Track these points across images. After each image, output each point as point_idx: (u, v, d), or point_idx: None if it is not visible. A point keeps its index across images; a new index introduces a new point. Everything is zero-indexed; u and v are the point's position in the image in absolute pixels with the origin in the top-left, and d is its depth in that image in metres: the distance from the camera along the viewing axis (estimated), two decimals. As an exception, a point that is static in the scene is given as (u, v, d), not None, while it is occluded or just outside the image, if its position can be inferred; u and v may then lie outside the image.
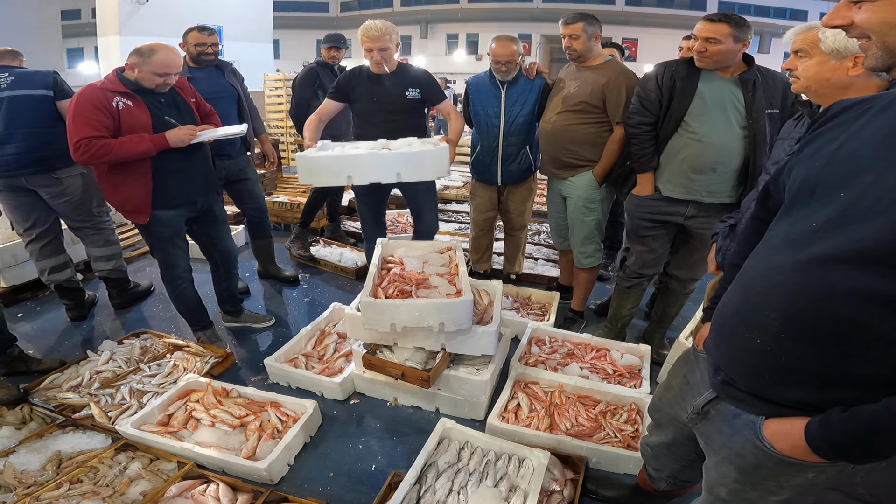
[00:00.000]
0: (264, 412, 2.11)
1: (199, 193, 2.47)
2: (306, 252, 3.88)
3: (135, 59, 2.17)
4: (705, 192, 2.23)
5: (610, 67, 2.56)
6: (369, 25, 2.59)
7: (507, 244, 3.46)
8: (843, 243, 0.78)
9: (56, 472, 1.83)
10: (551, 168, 2.80)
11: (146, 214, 2.31)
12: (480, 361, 2.29)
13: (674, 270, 2.61)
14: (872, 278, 0.76)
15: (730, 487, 1.08)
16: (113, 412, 2.15)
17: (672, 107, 2.18)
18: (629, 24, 23.04)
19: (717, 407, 1.08)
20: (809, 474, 0.94)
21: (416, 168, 2.44)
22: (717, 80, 2.13)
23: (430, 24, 25.79)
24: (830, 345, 0.83)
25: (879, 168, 0.77)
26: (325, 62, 3.71)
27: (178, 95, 2.38)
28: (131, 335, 2.73)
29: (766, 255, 0.93)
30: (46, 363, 2.49)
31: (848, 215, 0.79)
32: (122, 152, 2.13)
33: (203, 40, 2.94)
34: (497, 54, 2.71)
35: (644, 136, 2.28)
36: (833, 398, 0.85)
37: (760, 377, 0.94)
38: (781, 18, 23.20)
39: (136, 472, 1.82)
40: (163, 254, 2.48)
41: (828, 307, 0.81)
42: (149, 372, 2.41)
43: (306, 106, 3.53)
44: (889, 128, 0.78)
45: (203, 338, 2.73)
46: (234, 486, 1.80)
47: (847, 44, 1.31)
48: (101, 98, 2.12)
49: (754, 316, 0.92)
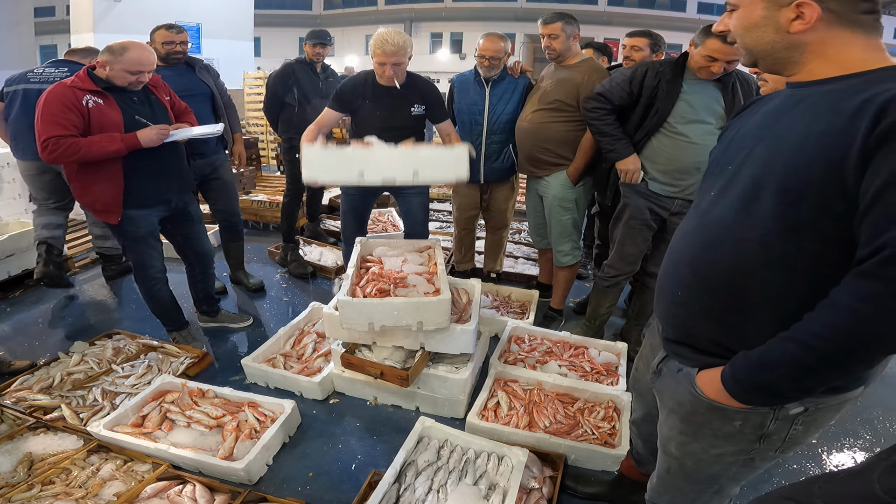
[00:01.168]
0: (241, 412, 2.09)
1: (173, 192, 2.43)
2: (306, 270, 3.66)
3: (106, 57, 2.12)
4: (689, 190, 2.28)
5: (586, 67, 2.59)
6: (385, 39, 2.36)
7: (488, 242, 3.47)
8: (727, 203, 0.98)
9: (28, 473, 1.79)
10: (527, 166, 2.83)
11: (117, 214, 2.27)
12: (460, 360, 2.30)
13: (652, 268, 2.64)
14: (747, 229, 0.93)
15: (677, 440, 1.17)
16: (85, 413, 2.11)
17: (656, 106, 2.22)
18: (611, 25, 23.29)
19: (667, 364, 1.19)
20: (736, 422, 1.03)
21: (434, 168, 2.26)
22: (700, 83, 2.18)
23: (414, 22, 25.72)
24: (726, 290, 0.98)
25: (753, 144, 0.98)
26: (306, 60, 3.55)
27: (153, 94, 2.34)
28: (103, 336, 2.68)
29: (685, 223, 1.13)
30: (17, 364, 2.43)
31: (731, 181, 0.99)
32: (92, 152, 2.08)
33: (171, 38, 2.83)
34: (484, 49, 2.71)
35: (600, 120, 2.32)
36: (740, 342, 0.97)
37: (684, 325, 1.10)
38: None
39: (109, 474, 1.79)
40: (135, 254, 2.43)
41: (720, 258, 0.98)
42: (122, 373, 2.37)
43: (279, 103, 3.51)
44: (765, 115, 1.01)
45: (178, 338, 2.69)
46: (211, 486, 1.78)
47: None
48: (71, 96, 2.07)
49: (674, 272, 1.11)
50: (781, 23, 0.90)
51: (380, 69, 2.44)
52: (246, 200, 4.61)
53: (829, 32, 0.88)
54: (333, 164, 2.23)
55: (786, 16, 0.89)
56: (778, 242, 0.89)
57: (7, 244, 3.21)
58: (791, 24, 0.89)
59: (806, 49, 0.91)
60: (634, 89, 2.26)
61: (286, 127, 3.56)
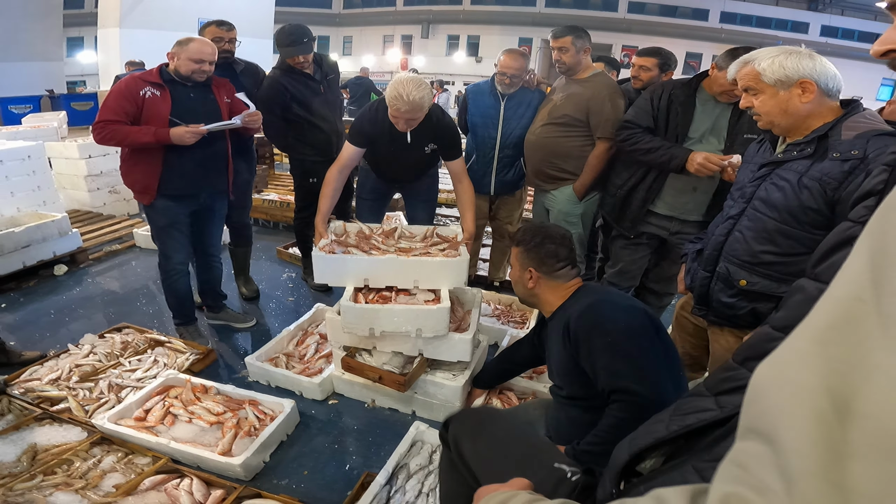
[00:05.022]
0: (242, 410, 2.14)
1: (204, 190, 2.55)
2: (325, 284, 3.55)
3: (175, 49, 2.36)
4: (683, 209, 2.29)
5: (596, 81, 2.60)
6: (405, 98, 2.24)
7: (493, 250, 3.49)
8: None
9: (31, 463, 1.84)
10: (535, 179, 2.85)
11: (151, 196, 2.44)
12: (457, 367, 2.33)
13: (651, 284, 2.66)
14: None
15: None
16: (90, 406, 2.17)
17: (669, 128, 2.21)
18: (630, 32, 23.15)
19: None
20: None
21: (436, 277, 2.27)
22: (712, 103, 2.16)
23: (431, 24, 25.82)
24: None
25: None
26: (292, 67, 2.96)
27: (212, 92, 2.49)
28: (113, 329, 2.75)
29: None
30: (28, 355, 2.51)
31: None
32: (129, 139, 2.30)
33: (221, 35, 2.82)
34: (505, 66, 2.71)
35: (639, 142, 2.24)
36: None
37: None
38: (783, 30, 23.36)
39: (110, 466, 1.84)
40: (160, 242, 2.61)
41: None
42: (129, 367, 2.44)
43: (277, 127, 3.02)
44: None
45: (185, 334, 2.76)
46: (208, 480, 1.82)
47: (786, 71, 1.33)
48: (132, 87, 2.31)
49: None
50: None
51: (394, 120, 2.39)
52: (258, 199, 4.69)
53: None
54: (340, 270, 2.29)
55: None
56: None
57: (23, 236, 3.31)
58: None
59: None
60: (654, 111, 2.25)
61: (294, 143, 3.13)
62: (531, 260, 1.66)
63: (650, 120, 2.26)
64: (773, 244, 1.43)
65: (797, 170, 1.37)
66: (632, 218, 2.42)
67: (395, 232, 2.55)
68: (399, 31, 26.56)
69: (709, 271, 1.60)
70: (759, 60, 1.37)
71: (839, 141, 1.31)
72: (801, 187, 1.35)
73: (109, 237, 4.16)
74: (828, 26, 23.69)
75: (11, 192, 3.70)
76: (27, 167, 3.83)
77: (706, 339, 1.78)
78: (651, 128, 2.26)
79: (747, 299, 1.52)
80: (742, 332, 1.58)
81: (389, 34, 26.95)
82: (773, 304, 1.47)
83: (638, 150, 2.26)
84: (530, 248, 1.66)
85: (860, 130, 1.30)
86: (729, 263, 1.53)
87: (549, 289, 1.66)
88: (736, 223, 1.53)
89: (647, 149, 2.23)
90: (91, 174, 4.66)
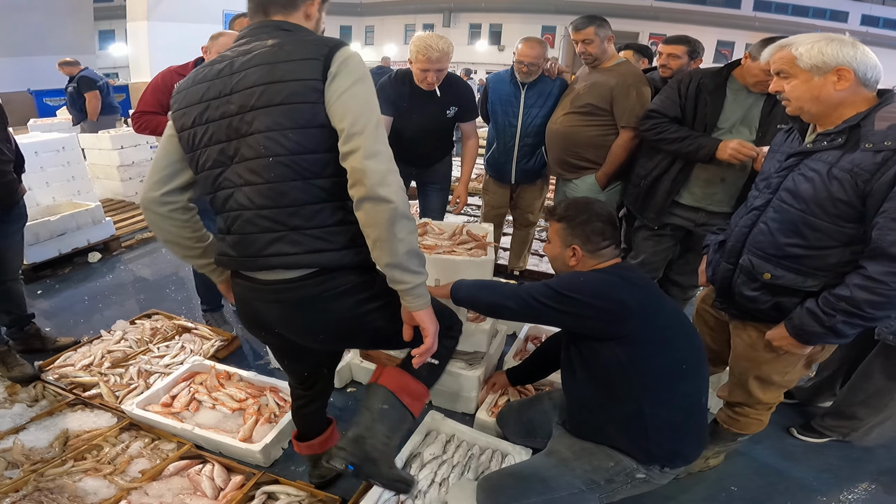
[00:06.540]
0: (263, 396, 2.19)
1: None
2: None
3: (209, 43, 2.45)
4: (711, 200, 2.24)
5: (620, 70, 2.54)
6: (429, 45, 2.37)
7: (514, 239, 3.48)
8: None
9: (62, 449, 1.91)
10: (557, 168, 2.81)
11: None
12: (474, 357, 2.33)
13: (676, 276, 2.61)
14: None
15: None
16: (121, 392, 2.25)
17: (697, 118, 2.15)
18: (658, 20, 22.48)
19: None
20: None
21: (456, 277, 2.15)
22: (744, 93, 2.09)
23: (453, 13, 25.60)
24: None
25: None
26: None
27: None
28: (143, 316, 2.84)
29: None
30: (62, 341, 2.60)
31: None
32: (162, 128, 2.32)
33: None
34: (523, 54, 2.67)
35: (665, 131, 2.20)
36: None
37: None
38: (821, 19, 22.40)
39: (137, 451, 1.90)
40: None
41: None
42: (157, 353, 2.51)
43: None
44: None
45: (211, 320, 2.83)
46: (228, 466, 1.88)
47: (824, 57, 1.28)
48: (168, 79, 2.43)
49: None
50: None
51: (421, 75, 2.48)
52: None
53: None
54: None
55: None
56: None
57: (58, 224, 3.43)
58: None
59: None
60: (682, 101, 2.19)
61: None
62: (576, 237, 1.57)
63: (677, 109, 2.20)
64: (799, 237, 1.38)
65: (827, 160, 1.32)
66: (656, 209, 2.37)
67: (423, 227, 2.54)
68: (421, 20, 26.37)
69: (731, 263, 1.56)
70: (798, 45, 1.32)
71: (872, 131, 1.26)
72: (830, 178, 1.30)
73: (141, 225, 4.28)
74: (868, 15, 22.61)
75: (47, 183, 3.84)
76: (62, 158, 3.96)
77: (727, 333, 1.74)
78: (678, 117, 2.20)
79: (771, 293, 1.47)
80: (765, 327, 1.54)
81: (411, 23, 26.79)
82: (797, 299, 1.43)
83: (664, 140, 2.21)
84: (576, 224, 1.57)
85: (894, 121, 1.25)
86: (753, 256, 1.49)
87: (590, 267, 1.58)
88: (761, 214, 1.48)
89: (673, 138, 2.18)
90: (123, 164, 4.77)
